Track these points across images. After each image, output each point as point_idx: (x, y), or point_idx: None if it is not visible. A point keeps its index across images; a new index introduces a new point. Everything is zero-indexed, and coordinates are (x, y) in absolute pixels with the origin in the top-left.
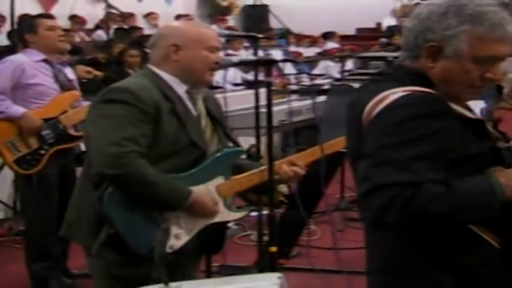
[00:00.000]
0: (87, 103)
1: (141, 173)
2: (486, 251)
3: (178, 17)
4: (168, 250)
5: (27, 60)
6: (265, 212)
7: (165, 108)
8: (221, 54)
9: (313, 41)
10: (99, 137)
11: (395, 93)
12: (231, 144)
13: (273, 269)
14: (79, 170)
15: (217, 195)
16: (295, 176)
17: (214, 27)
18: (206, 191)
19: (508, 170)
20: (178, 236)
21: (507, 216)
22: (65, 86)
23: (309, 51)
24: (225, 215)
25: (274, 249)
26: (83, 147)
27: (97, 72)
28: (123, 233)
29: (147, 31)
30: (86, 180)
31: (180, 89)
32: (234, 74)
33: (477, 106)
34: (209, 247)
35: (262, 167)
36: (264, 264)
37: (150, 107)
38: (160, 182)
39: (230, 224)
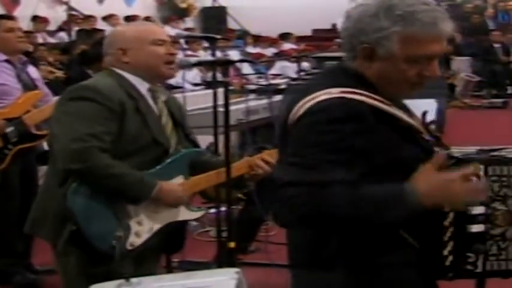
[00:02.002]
0: (52, 101)
1: (105, 164)
2: (404, 251)
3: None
4: (129, 247)
5: None
6: (223, 208)
7: (129, 106)
8: (180, 54)
9: (272, 42)
10: (64, 133)
11: (319, 96)
12: (190, 145)
13: (231, 265)
14: (41, 169)
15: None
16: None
17: (167, 28)
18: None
19: (431, 176)
20: (139, 234)
21: (425, 219)
22: (27, 85)
23: (266, 52)
24: (184, 214)
25: (232, 245)
26: (45, 146)
27: (59, 73)
28: (84, 229)
29: (108, 33)
30: (51, 178)
31: (143, 87)
32: (194, 74)
33: (430, 106)
34: (169, 246)
35: (221, 168)
36: (223, 260)
37: (115, 104)
38: (126, 173)
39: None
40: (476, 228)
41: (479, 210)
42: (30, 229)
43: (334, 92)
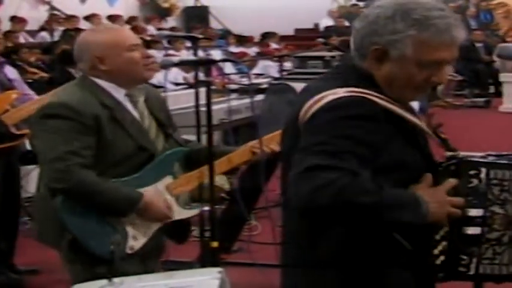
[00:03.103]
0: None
1: (86, 183)
2: (398, 253)
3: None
4: (128, 251)
5: None
6: (206, 208)
7: (104, 117)
8: (161, 54)
9: (256, 42)
10: (44, 152)
11: (332, 95)
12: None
13: (214, 264)
14: (23, 169)
15: (168, 194)
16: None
17: (150, 27)
18: (156, 191)
19: (430, 188)
20: (136, 237)
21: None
22: (5, 85)
23: (249, 52)
24: (178, 213)
25: (215, 244)
26: (28, 146)
27: (43, 74)
28: (80, 237)
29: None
30: (44, 187)
31: (119, 93)
32: (176, 74)
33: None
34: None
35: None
36: (206, 260)
37: (88, 119)
38: (108, 190)
39: None
40: (473, 230)
41: (476, 212)
42: (39, 239)
43: (346, 90)
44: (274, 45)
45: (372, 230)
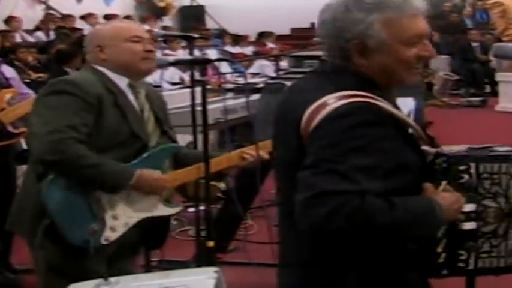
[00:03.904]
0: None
1: (81, 155)
2: (404, 254)
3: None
4: (103, 242)
5: None
6: (202, 207)
7: (107, 101)
8: (158, 53)
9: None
10: (41, 125)
11: (334, 101)
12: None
13: (210, 264)
14: (20, 169)
15: None
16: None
17: (146, 26)
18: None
19: (445, 192)
20: (114, 228)
21: None
22: (1, 84)
23: (245, 51)
24: (160, 209)
25: (211, 244)
26: (24, 145)
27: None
28: (58, 223)
29: (87, 32)
30: (30, 175)
31: (122, 82)
32: (172, 73)
33: (407, 104)
34: (150, 241)
35: (199, 164)
36: (202, 259)
37: (92, 97)
38: (102, 163)
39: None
40: (469, 225)
41: (470, 207)
42: (9, 226)
43: (347, 95)
44: (270, 45)
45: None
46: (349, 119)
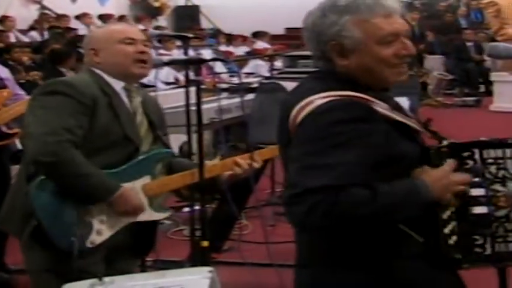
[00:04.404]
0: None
1: (74, 161)
2: (410, 245)
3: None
4: (89, 245)
5: None
6: (197, 207)
7: (102, 102)
8: (153, 52)
9: (243, 40)
10: (37, 126)
11: (320, 99)
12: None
13: (205, 264)
14: (14, 169)
15: (142, 194)
16: (250, 169)
17: (141, 26)
18: (132, 189)
19: (433, 170)
20: (100, 232)
21: (428, 213)
22: None
23: (239, 51)
24: (147, 214)
25: (205, 243)
26: (18, 145)
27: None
28: (45, 224)
29: (81, 31)
30: (22, 175)
31: (117, 85)
32: (167, 73)
33: (402, 104)
34: (139, 247)
35: (191, 170)
36: (197, 259)
37: (87, 99)
38: (91, 173)
39: (164, 220)
40: (479, 209)
41: (478, 192)
42: (0, 224)
43: (333, 94)
44: (264, 45)
45: (382, 227)
46: (330, 115)
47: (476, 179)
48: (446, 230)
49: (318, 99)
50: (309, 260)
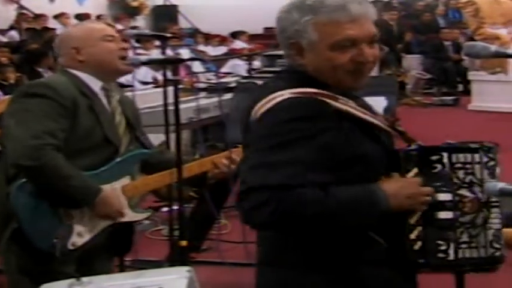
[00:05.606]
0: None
1: (56, 165)
2: (373, 250)
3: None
4: (70, 247)
5: None
6: (175, 207)
7: (82, 104)
8: (131, 53)
9: (222, 40)
10: (18, 129)
11: (279, 97)
12: (139, 147)
13: (183, 263)
14: None
15: (122, 195)
16: (228, 168)
17: (119, 26)
18: (113, 190)
19: (393, 178)
20: (81, 234)
21: (391, 219)
22: None
23: (217, 50)
24: (128, 216)
25: (184, 243)
26: None
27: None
28: (25, 226)
29: (59, 31)
30: (1, 175)
31: (96, 85)
32: (145, 73)
33: (379, 103)
34: (117, 247)
35: (170, 170)
36: (175, 259)
37: (68, 101)
38: (73, 176)
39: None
40: (445, 215)
41: (445, 197)
42: None
43: (294, 92)
44: (243, 44)
45: (344, 230)
46: (285, 113)
47: (443, 185)
48: (412, 236)
49: (278, 97)
50: (273, 258)
